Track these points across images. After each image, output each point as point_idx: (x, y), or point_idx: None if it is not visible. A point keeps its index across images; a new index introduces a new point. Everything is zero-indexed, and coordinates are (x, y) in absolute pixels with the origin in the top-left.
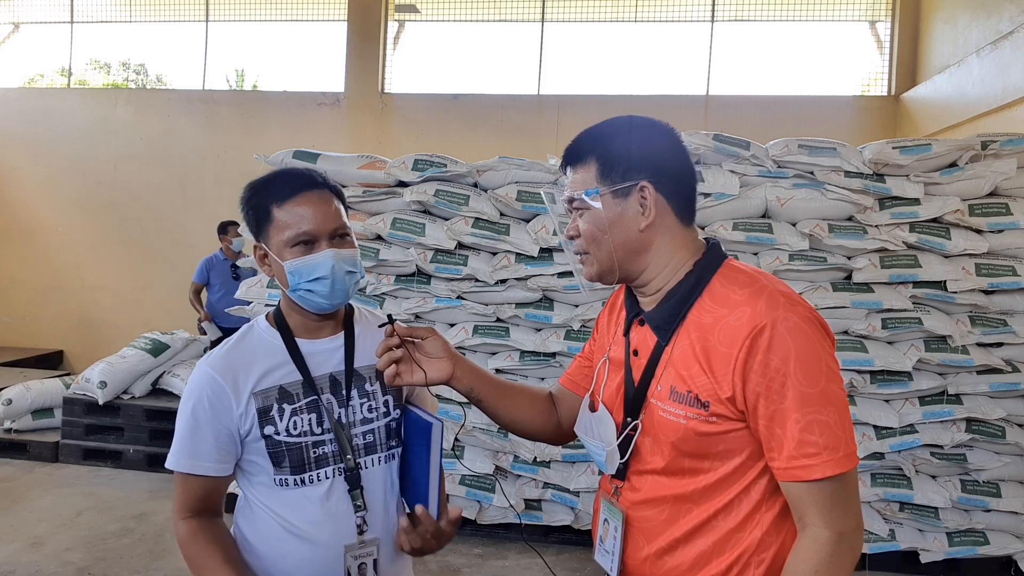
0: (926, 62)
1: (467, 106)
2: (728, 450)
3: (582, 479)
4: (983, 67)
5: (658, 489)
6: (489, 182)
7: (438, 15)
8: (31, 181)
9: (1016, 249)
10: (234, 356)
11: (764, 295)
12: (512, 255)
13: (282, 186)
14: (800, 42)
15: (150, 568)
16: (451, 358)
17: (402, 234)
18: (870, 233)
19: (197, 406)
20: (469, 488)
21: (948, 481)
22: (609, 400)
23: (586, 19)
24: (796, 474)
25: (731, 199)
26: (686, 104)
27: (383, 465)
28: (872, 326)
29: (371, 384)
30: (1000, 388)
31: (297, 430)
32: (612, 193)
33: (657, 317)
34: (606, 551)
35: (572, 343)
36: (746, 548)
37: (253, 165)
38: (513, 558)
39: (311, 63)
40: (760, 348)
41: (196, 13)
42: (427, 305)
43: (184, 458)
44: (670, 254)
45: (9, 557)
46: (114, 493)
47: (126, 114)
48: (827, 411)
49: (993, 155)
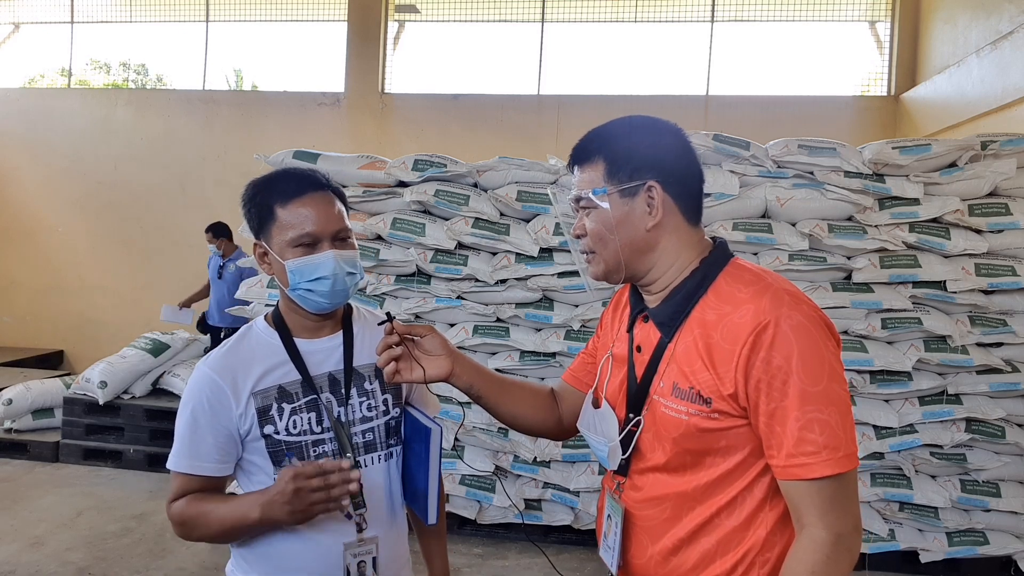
0: (926, 62)
1: (467, 106)
2: (729, 446)
3: (582, 479)
4: (983, 67)
5: (660, 487)
6: (489, 182)
7: (438, 15)
8: (31, 181)
9: (1016, 249)
10: (233, 357)
11: (769, 293)
12: (512, 255)
13: (286, 186)
14: (800, 42)
15: (150, 568)
16: (450, 355)
17: (402, 234)
18: (870, 233)
19: (197, 407)
20: (469, 488)
21: (948, 481)
22: (612, 396)
23: (586, 19)
24: (794, 472)
25: (731, 199)
26: (686, 104)
27: (383, 463)
28: (872, 326)
29: (370, 383)
30: (1000, 388)
31: (297, 429)
32: (619, 192)
33: (661, 314)
34: (608, 547)
35: (572, 343)
36: (750, 547)
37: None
38: (513, 558)
39: (311, 63)
40: (763, 345)
41: (196, 13)
42: (427, 305)
43: (185, 459)
44: (676, 253)
45: (9, 557)
46: (114, 493)
47: (126, 114)
48: (828, 410)
49: (993, 155)
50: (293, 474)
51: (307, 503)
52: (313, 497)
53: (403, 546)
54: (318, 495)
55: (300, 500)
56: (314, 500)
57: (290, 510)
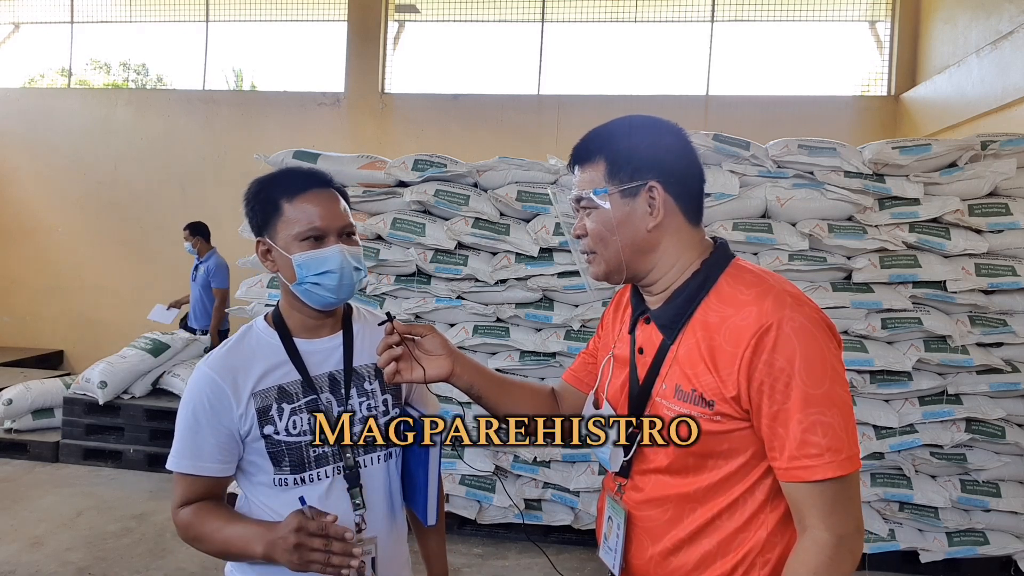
0: (926, 62)
1: (467, 106)
2: (732, 449)
3: (582, 479)
4: (983, 67)
5: (662, 488)
6: (489, 182)
7: (438, 15)
8: (31, 181)
9: (1016, 249)
10: (233, 357)
11: (771, 295)
12: (512, 255)
13: (293, 182)
14: (800, 42)
15: (150, 568)
16: (450, 355)
17: (402, 234)
18: (870, 233)
19: (197, 408)
20: (469, 488)
21: (948, 481)
22: (613, 397)
23: (586, 19)
24: (797, 474)
25: (731, 199)
26: (686, 104)
27: (382, 463)
28: (872, 326)
29: (370, 383)
30: (1000, 388)
31: (296, 429)
32: (620, 193)
33: (663, 315)
34: (609, 548)
35: (572, 343)
36: (751, 548)
37: (253, 165)
38: (513, 558)
39: (311, 63)
40: (765, 347)
41: (196, 13)
42: (427, 305)
43: (186, 459)
44: (677, 254)
45: (9, 557)
46: (114, 493)
47: (126, 114)
48: (831, 412)
49: (993, 155)
50: (297, 525)
51: (306, 560)
52: (313, 556)
53: (402, 546)
54: (317, 556)
55: (299, 555)
56: (313, 559)
57: (288, 560)
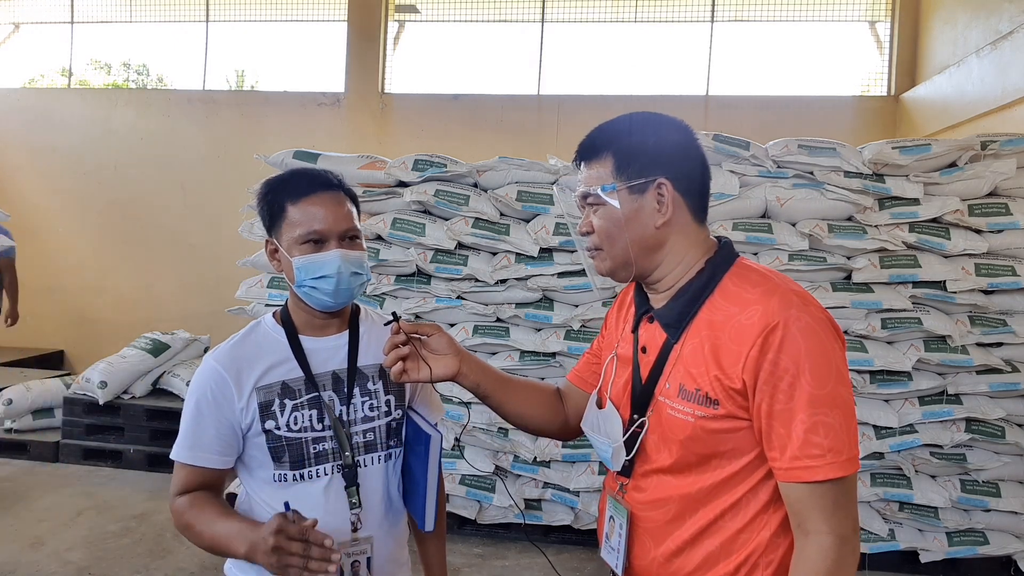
0: (926, 62)
1: (467, 106)
2: (736, 449)
3: (582, 479)
4: (983, 67)
5: (664, 489)
6: (489, 182)
7: (438, 15)
8: (31, 181)
9: (1016, 249)
10: (239, 351)
11: (777, 294)
12: (512, 255)
13: (298, 184)
14: (800, 42)
15: (150, 568)
16: (457, 354)
17: (402, 234)
18: (870, 233)
19: (201, 399)
20: (469, 488)
21: (948, 481)
22: (616, 397)
23: (586, 19)
24: (798, 475)
25: (731, 199)
26: (686, 104)
27: (382, 464)
28: (872, 326)
29: (373, 383)
30: (1000, 388)
31: (297, 426)
32: (629, 189)
33: (667, 314)
34: (611, 548)
35: (572, 343)
36: (754, 549)
37: (253, 165)
38: (513, 558)
39: (311, 63)
40: (771, 347)
41: (196, 13)
42: (427, 305)
43: (187, 449)
44: (683, 252)
45: (9, 557)
46: (114, 493)
47: (126, 114)
48: (834, 413)
49: (993, 155)
50: (277, 528)
51: (284, 563)
52: (290, 560)
53: (401, 548)
54: (295, 560)
55: (277, 557)
56: (290, 563)
57: (266, 561)
